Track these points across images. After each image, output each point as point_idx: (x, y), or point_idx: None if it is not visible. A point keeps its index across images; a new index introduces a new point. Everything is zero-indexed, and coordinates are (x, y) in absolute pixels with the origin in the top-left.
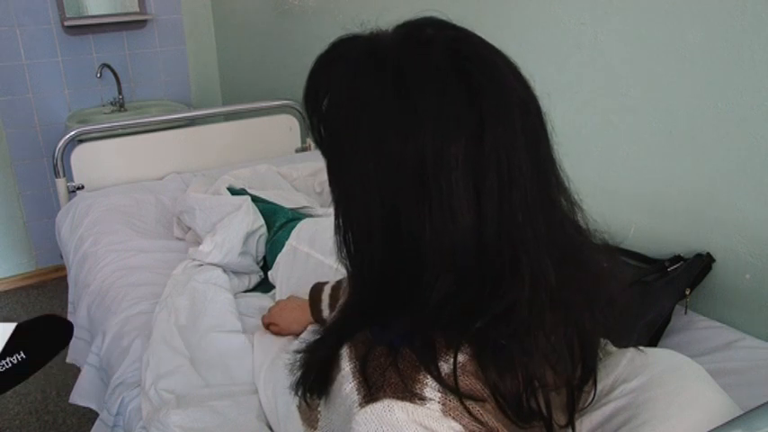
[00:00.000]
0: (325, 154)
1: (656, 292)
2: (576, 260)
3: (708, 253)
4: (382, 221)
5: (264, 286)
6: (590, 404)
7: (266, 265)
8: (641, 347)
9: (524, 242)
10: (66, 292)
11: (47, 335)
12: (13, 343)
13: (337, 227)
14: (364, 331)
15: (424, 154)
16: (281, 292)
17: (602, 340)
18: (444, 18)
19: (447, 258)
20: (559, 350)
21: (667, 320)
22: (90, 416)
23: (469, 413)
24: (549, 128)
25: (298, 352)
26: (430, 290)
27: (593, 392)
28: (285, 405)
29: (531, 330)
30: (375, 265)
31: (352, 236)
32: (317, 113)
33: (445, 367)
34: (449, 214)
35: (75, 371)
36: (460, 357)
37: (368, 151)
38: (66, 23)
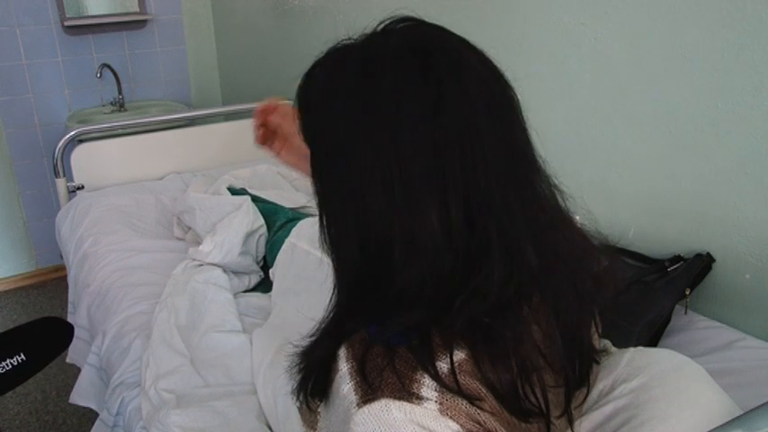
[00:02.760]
0: (307, 144)
1: (656, 292)
2: (555, 239)
3: (708, 253)
4: (353, 206)
5: (264, 286)
6: (586, 401)
7: (266, 264)
8: (641, 347)
9: (495, 217)
10: (66, 292)
11: (47, 337)
12: (14, 345)
13: (320, 219)
14: (361, 331)
15: (384, 135)
16: (278, 288)
17: (602, 340)
18: (416, 15)
19: (416, 238)
20: (552, 338)
21: (667, 320)
22: (90, 416)
23: (467, 412)
24: (520, 112)
25: (295, 356)
26: (402, 270)
27: (585, 393)
28: (284, 405)
29: (515, 307)
30: (351, 255)
31: (330, 227)
32: (301, 110)
33: (442, 366)
34: (411, 194)
35: (75, 371)
36: (457, 357)
37: (337, 139)
38: (66, 23)
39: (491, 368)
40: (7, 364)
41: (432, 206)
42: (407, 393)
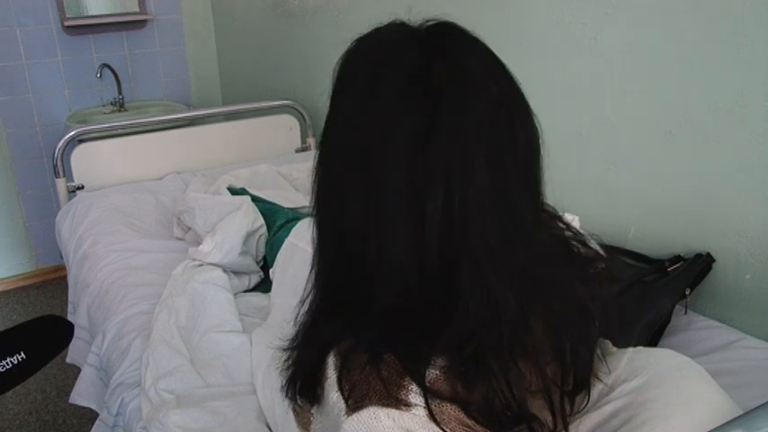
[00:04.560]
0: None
1: (656, 292)
2: (545, 277)
3: (708, 253)
4: (333, 213)
5: (264, 286)
6: (585, 406)
7: (266, 264)
8: (641, 347)
9: (476, 263)
10: (66, 292)
11: (47, 335)
12: (14, 343)
13: (311, 210)
14: (349, 338)
15: (369, 148)
16: (277, 288)
17: (601, 340)
18: (457, 24)
19: (389, 267)
20: (541, 356)
21: (667, 320)
22: (90, 416)
23: (456, 416)
24: (527, 156)
25: (284, 350)
26: (373, 298)
27: (586, 397)
28: (283, 407)
29: (505, 348)
30: (328, 256)
31: (317, 220)
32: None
33: (429, 372)
34: (384, 217)
35: (75, 371)
36: (443, 363)
37: (335, 139)
38: (66, 23)
39: (464, 391)
40: (7, 363)
41: (403, 235)
42: (395, 400)
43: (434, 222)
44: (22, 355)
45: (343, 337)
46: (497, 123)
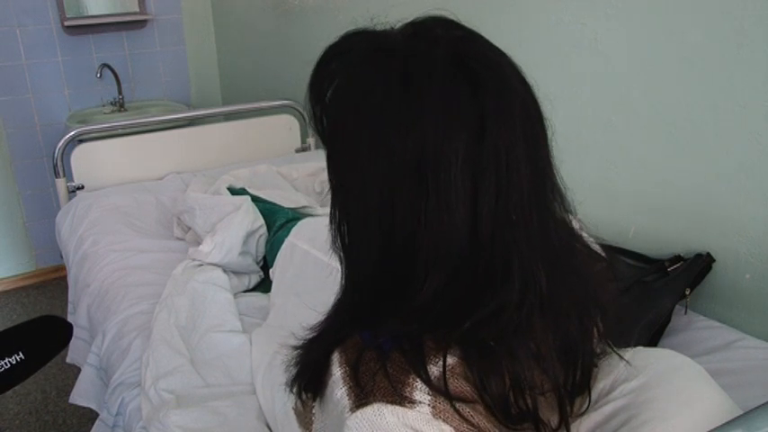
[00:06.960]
0: (326, 143)
1: (656, 292)
2: (567, 265)
3: (708, 253)
4: (378, 214)
5: (264, 286)
6: (586, 409)
7: (266, 264)
8: (641, 347)
9: (517, 244)
10: (66, 292)
11: (46, 335)
12: (13, 343)
13: (333, 216)
14: (355, 336)
15: (423, 148)
16: (276, 288)
17: (601, 343)
18: (453, 18)
19: (439, 255)
20: (547, 354)
21: (667, 320)
22: (90, 416)
23: (459, 415)
24: (549, 133)
25: (295, 348)
26: (419, 286)
27: (587, 399)
28: (283, 407)
29: (519, 333)
30: (369, 258)
31: (348, 227)
32: (320, 102)
33: (434, 370)
34: (444, 210)
35: (75, 371)
36: (450, 360)
37: (368, 143)
38: (66, 23)
39: (481, 380)
40: (6, 363)
41: (462, 220)
42: (400, 397)
43: (487, 204)
44: (21, 355)
45: (349, 335)
46: (530, 105)
